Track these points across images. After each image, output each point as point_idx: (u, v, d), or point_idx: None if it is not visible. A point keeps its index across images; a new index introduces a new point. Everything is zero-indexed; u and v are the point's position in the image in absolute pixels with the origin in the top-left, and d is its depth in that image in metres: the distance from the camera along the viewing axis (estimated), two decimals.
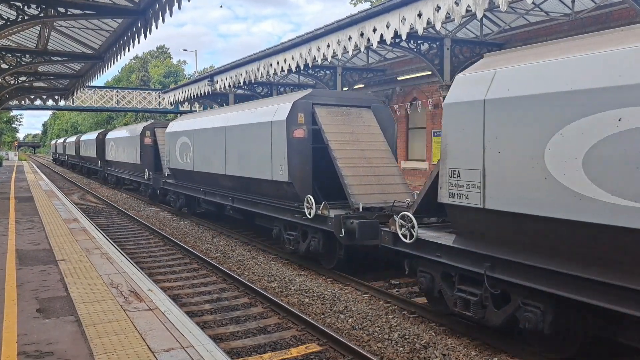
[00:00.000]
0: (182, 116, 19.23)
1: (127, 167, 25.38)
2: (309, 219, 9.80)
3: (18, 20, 10.49)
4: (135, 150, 23.03)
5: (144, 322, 5.19)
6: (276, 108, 10.94)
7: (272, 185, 11.06)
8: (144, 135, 21.93)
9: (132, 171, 24.35)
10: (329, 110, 10.68)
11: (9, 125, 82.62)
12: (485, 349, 6.41)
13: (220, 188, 14.18)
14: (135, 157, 23.04)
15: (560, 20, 14.42)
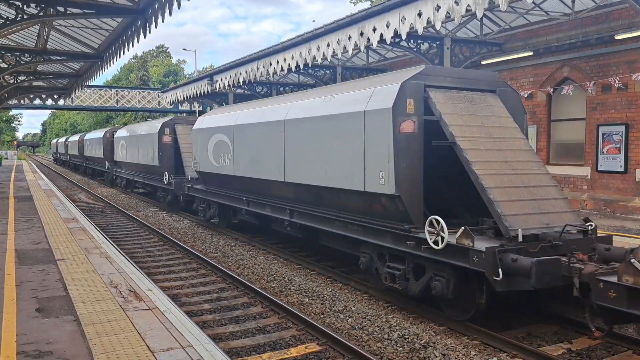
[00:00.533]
0: (214, 110, 17.20)
1: (140, 169, 22.50)
2: (435, 250, 6.88)
3: (17, 20, 10.47)
4: (152, 149, 20.09)
5: (143, 321, 5.18)
6: (370, 92, 8.03)
7: (363, 198, 8.19)
8: (163, 132, 19.16)
9: (147, 173, 21.52)
10: (448, 96, 7.78)
11: (8, 125, 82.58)
12: (485, 348, 6.41)
13: (273, 198, 11.40)
14: (152, 157, 20.10)
15: (561, 20, 14.41)
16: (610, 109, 13.79)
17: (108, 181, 31.27)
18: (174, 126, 19.41)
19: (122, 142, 25.58)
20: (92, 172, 38.24)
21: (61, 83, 23.28)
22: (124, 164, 25.84)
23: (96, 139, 33.30)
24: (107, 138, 29.92)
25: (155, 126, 20.01)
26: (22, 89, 23.08)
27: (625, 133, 13.38)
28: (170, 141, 19.26)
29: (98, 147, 32.11)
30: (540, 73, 15.75)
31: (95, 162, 35.68)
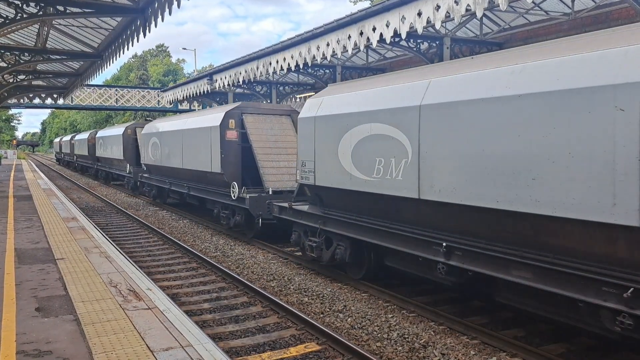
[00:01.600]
0: (334, 85, 10.59)
1: (192, 177, 16.30)
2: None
3: (17, 19, 10.46)
4: (210, 148, 14.23)
5: (142, 321, 5.18)
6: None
7: None
8: (226, 126, 13.66)
9: (196, 182, 16.18)
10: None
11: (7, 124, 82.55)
12: (484, 348, 6.41)
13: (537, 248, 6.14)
14: (212, 160, 14.16)
15: (560, 20, 14.42)
16: None
17: (128, 188, 26.21)
18: (242, 116, 14.01)
19: (154, 140, 19.79)
20: (105, 175, 32.69)
21: (61, 82, 23.27)
22: (155, 168, 20.19)
23: (113, 137, 27.97)
24: (128, 135, 25.28)
25: (215, 118, 14.32)
26: (22, 88, 23.06)
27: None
28: (236, 137, 13.92)
29: (116, 147, 26.98)
30: None
31: (111, 165, 30.07)
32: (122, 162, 26.29)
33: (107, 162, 31.14)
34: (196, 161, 15.52)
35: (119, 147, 26.49)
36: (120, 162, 26.81)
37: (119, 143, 26.50)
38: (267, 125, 14.12)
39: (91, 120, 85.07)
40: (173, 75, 76.12)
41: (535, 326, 7.06)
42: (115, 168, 29.05)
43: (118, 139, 26.69)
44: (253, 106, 14.78)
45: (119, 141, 26.35)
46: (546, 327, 7.01)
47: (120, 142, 26.18)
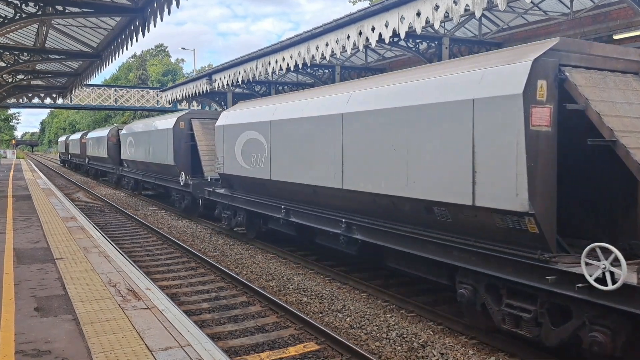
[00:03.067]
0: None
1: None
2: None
3: (16, 18, 10.45)
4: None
5: (141, 320, 5.18)
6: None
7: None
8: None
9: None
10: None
11: (6, 124, 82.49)
12: (483, 348, 6.42)
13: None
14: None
15: (559, 20, 14.43)
16: None
17: (180, 209, 17.88)
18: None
19: (251, 135, 13.48)
20: (134, 185, 24.28)
21: (60, 82, 23.24)
22: (238, 179, 13.76)
23: (155, 132, 19.08)
24: (180, 131, 17.03)
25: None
26: (21, 87, 23.03)
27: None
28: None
29: (161, 147, 18.27)
30: None
31: (148, 173, 21.03)
32: (170, 168, 17.23)
33: (142, 169, 22.09)
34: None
35: (165, 146, 17.63)
36: (168, 168, 17.48)
37: (164, 142, 17.58)
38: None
39: (90, 120, 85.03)
40: (172, 75, 76.12)
41: None
42: (157, 177, 19.56)
43: (163, 135, 17.76)
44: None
45: (165, 139, 17.43)
46: None
47: (168, 140, 17.29)
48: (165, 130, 17.82)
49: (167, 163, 17.70)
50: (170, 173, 17.79)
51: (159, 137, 18.52)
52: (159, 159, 18.62)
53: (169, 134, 17.30)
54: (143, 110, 50.12)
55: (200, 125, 17.26)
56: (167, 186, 19.04)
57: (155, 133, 19.13)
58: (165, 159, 17.90)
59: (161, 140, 18.27)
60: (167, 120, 18.19)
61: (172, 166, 17.17)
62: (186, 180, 16.42)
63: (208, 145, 16.59)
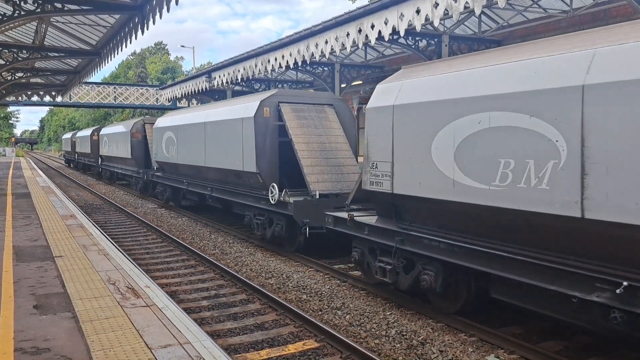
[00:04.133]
0: None
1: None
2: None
3: (14, 16, 10.42)
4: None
5: (141, 318, 5.18)
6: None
7: None
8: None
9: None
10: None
11: (6, 122, 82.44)
12: (482, 345, 6.43)
13: None
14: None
15: (559, 17, 14.42)
16: None
17: (265, 238, 12.37)
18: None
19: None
20: (172, 195, 19.07)
21: (59, 80, 23.22)
22: None
23: (218, 124, 14.13)
24: (263, 120, 11.97)
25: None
26: (20, 85, 23.00)
27: None
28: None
29: (233, 148, 12.97)
30: None
31: (200, 181, 15.80)
32: (247, 176, 12.46)
33: (188, 175, 16.72)
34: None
35: (237, 143, 12.63)
36: (242, 176, 12.73)
37: (240, 136, 12.58)
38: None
39: (89, 117, 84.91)
40: (172, 73, 76.00)
41: (534, 323, 7.08)
42: (220, 186, 14.37)
43: (237, 128, 12.74)
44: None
45: (242, 132, 12.46)
46: (544, 325, 7.03)
47: (245, 134, 12.35)
48: (239, 121, 12.47)
49: (240, 169, 12.46)
50: (245, 184, 12.71)
51: (226, 131, 13.34)
52: (226, 162, 13.33)
53: (248, 127, 12.03)
54: (142, 108, 50.13)
55: (294, 113, 12.03)
56: (237, 202, 13.47)
57: (218, 126, 13.96)
58: (236, 163, 12.67)
59: (229, 136, 13.08)
60: (241, 107, 12.75)
61: (252, 174, 12.00)
62: (281, 197, 10.99)
63: (308, 141, 11.62)
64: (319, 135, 11.87)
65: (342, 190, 10.90)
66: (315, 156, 11.36)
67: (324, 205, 10.38)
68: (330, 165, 11.40)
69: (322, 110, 12.45)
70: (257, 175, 11.80)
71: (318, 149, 11.53)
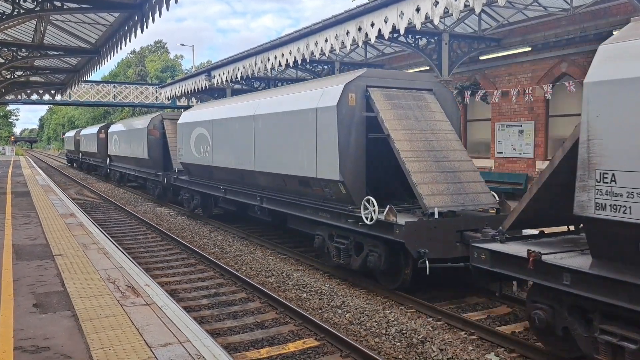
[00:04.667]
0: None
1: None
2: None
3: (14, 14, 10.41)
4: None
5: (140, 317, 5.18)
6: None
7: None
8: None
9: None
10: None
11: (5, 120, 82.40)
12: (482, 343, 6.43)
13: None
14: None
15: (559, 16, 14.42)
16: None
17: None
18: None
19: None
20: (200, 202, 16.20)
21: (58, 78, 23.21)
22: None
23: (280, 115, 10.79)
24: (348, 110, 8.81)
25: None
26: (19, 84, 23.01)
27: None
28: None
29: (300, 148, 9.89)
30: (539, 69, 15.74)
31: (251, 186, 12.42)
32: (330, 185, 9.23)
33: (231, 180, 13.49)
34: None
35: (308, 140, 9.73)
36: (311, 184, 9.79)
37: (310, 130, 9.66)
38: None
39: (89, 116, 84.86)
40: (171, 72, 75.94)
41: None
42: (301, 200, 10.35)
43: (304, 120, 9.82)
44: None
45: (310, 126, 9.64)
46: None
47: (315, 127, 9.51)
48: (312, 112, 9.53)
49: (312, 176, 9.58)
50: (315, 194, 9.82)
51: (289, 125, 10.39)
52: (287, 166, 10.46)
53: (326, 119, 9.04)
54: (142, 107, 50.07)
55: (388, 101, 9.11)
56: (301, 217, 10.44)
57: (277, 119, 10.85)
58: (305, 168, 9.78)
59: (295, 132, 10.17)
60: (315, 93, 9.67)
61: (330, 182, 9.11)
62: (383, 215, 7.89)
63: (412, 138, 8.74)
64: (421, 130, 8.77)
65: (465, 206, 8.03)
66: (422, 158, 8.34)
67: (445, 228, 7.64)
68: (443, 171, 8.29)
69: (421, 97, 9.39)
70: (339, 184, 8.76)
71: (424, 148, 8.48)
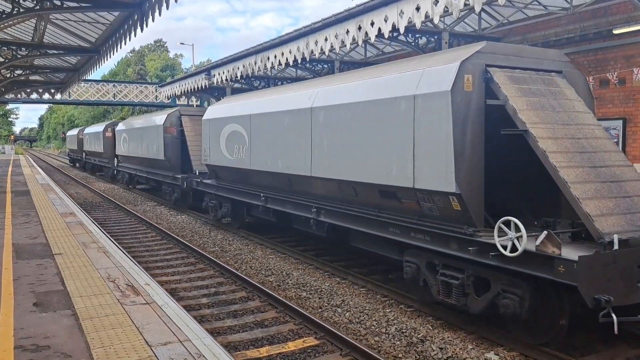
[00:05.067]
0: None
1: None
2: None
3: (13, 13, 10.40)
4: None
5: (140, 316, 5.18)
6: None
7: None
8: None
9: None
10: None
11: (5, 119, 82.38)
12: (482, 342, 6.43)
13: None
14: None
15: (559, 14, 14.40)
16: (608, 104, 13.80)
17: None
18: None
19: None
20: (231, 210, 14.05)
21: (58, 77, 23.17)
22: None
23: (355, 106, 8.39)
24: (464, 98, 6.57)
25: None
26: (19, 83, 22.96)
27: (623, 128, 13.40)
28: None
29: (388, 148, 7.60)
30: None
31: (304, 195, 10.17)
32: (438, 199, 6.84)
33: (276, 186, 11.31)
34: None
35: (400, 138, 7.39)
36: (400, 195, 7.52)
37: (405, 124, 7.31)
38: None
39: (89, 115, 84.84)
40: (171, 71, 75.96)
41: None
42: None
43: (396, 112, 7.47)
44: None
45: (406, 119, 7.29)
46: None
47: (413, 120, 7.19)
48: (409, 100, 7.42)
49: (408, 186, 7.39)
50: (404, 209, 7.69)
51: (370, 118, 8.08)
52: (365, 172, 8.18)
53: (434, 109, 6.91)
54: (142, 106, 50.06)
55: (517, 86, 7.01)
56: (383, 237, 8.15)
57: (350, 111, 8.61)
58: (395, 175, 7.64)
59: (379, 127, 7.92)
60: (412, 75, 7.47)
61: (439, 195, 7.08)
62: (538, 243, 5.65)
63: (557, 136, 6.64)
64: (564, 124, 6.64)
65: None
66: (576, 163, 6.18)
67: (626, 263, 5.43)
68: (605, 181, 6.13)
69: (551, 81, 7.24)
70: (451, 197, 6.49)
71: (573, 149, 6.36)
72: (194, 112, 18.82)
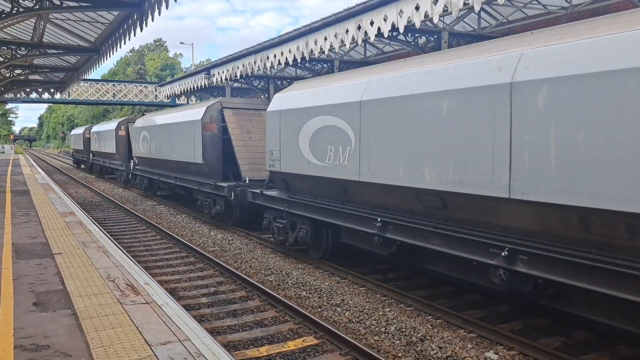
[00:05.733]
0: None
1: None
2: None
3: (13, 13, 10.39)
4: None
5: (140, 315, 5.18)
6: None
7: None
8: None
9: None
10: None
11: (4, 119, 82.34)
12: (482, 341, 6.44)
13: None
14: None
15: (558, 14, 14.40)
16: None
17: None
18: None
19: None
20: (310, 234, 10.34)
21: (57, 77, 23.16)
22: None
23: None
24: None
25: None
26: (18, 82, 22.95)
27: None
28: None
29: None
30: None
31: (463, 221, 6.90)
32: None
33: (401, 208, 7.83)
34: None
35: None
36: None
37: None
38: None
39: (88, 114, 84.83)
40: (170, 70, 75.95)
41: (532, 320, 7.09)
42: None
43: None
44: None
45: None
46: (543, 321, 7.04)
47: None
48: None
49: None
50: None
51: None
52: None
53: None
54: (142, 105, 50.03)
55: None
56: None
57: None
58: None
59: None
60: None
61: None
62: None
63: None
64: None
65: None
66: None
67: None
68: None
69: None
70: None
71: None
72: (239, 104, 15.76)
